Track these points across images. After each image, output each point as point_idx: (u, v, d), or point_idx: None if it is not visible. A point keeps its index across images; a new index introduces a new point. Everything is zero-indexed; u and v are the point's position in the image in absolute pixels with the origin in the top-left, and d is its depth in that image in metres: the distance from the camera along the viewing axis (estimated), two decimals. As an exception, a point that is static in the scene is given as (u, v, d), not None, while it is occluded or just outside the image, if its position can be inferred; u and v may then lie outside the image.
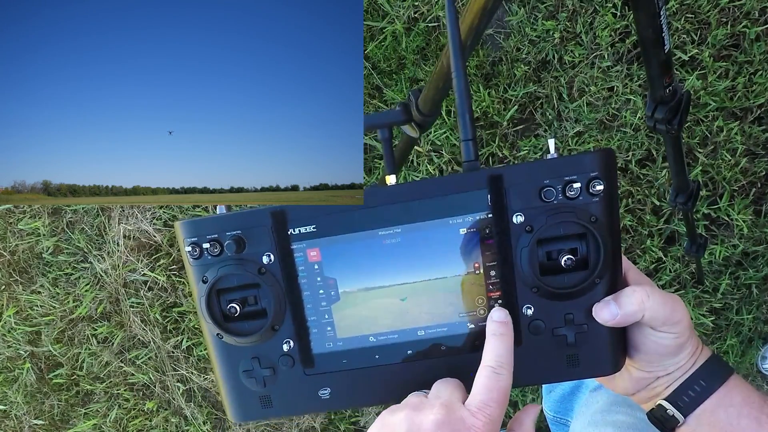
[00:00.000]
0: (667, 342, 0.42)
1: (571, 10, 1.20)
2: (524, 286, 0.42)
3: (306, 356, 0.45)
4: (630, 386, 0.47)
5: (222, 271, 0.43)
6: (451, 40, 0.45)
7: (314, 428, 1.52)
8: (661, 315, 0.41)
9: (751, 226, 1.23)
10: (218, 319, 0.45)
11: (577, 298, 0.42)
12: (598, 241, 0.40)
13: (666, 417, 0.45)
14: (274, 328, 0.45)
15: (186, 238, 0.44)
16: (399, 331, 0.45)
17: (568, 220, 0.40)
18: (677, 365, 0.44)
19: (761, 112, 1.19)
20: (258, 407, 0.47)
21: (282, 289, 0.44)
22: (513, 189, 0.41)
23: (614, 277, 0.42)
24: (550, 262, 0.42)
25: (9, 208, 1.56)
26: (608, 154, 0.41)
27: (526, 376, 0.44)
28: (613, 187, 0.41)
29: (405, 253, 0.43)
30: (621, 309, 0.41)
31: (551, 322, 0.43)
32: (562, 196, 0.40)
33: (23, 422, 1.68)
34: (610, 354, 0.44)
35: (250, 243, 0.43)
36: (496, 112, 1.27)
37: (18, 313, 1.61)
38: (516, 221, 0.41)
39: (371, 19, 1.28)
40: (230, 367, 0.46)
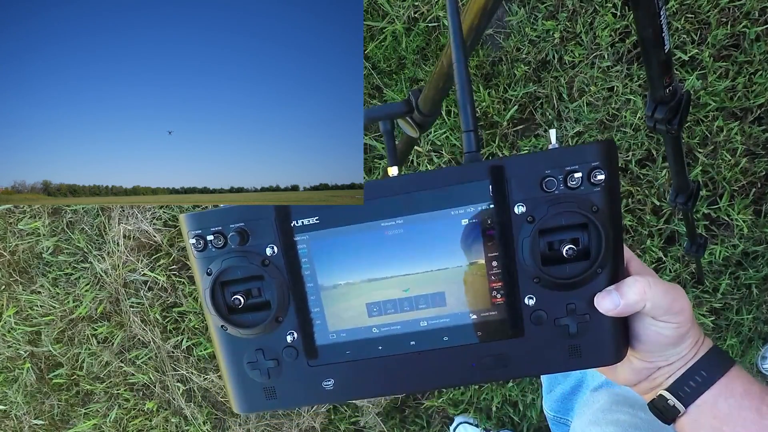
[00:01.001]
0: (669, 332, 0.42)
1: (571, 10, 1.20)
2: (526, 276, 0.42)
3: (309, 348, 0.45)
4: (631, 377, 0.47)
5: (226, 263, 0.44)
6: (451, 30, 0.44)
7: (314, 428, 1.52)
8: (663, 305, 0.41)
9: (751, 226, 1.23)
10: (222, 311, 0.45)
11: (579, 288, 0.42)
12: (600, 230, 0.40)
13: (667, 407, 0.45)
14: (278, 320, 0.45)
15: (190, 230, 0.44)
16: (402, 322, 0.45)
17: (569, 210, 0.40)
18: (679, 355, 0.44)
19: (761, 112, 1.19)
20: (262, 399, 0.47)
21: (285, 281, 0.44)
22: (514, 179, 0.41)
23: (616, 267, 0.42)
24: (551, 252, 0.42)
25: (9, 208, 1.56)
26: (609, 144, 0.41)
27: (528, 366, 0.44)
28: (614, 177, 0.41)
29: (407, 245, 0.43)
30: (623, 299, 0.41)
31: (553, 312, 0.43)
32: (563, 186, 0.40)
33: (23, 422, 1.68)
34: (613, 344, 0.44)
35: (254, 235, 0.44)
36: (496, 112, 1.27)
37: (18, 313, 1.61)
38: (517, 211, 0.41)
39: (371, 19, 1.28)
40: (235, 358, 0.46)
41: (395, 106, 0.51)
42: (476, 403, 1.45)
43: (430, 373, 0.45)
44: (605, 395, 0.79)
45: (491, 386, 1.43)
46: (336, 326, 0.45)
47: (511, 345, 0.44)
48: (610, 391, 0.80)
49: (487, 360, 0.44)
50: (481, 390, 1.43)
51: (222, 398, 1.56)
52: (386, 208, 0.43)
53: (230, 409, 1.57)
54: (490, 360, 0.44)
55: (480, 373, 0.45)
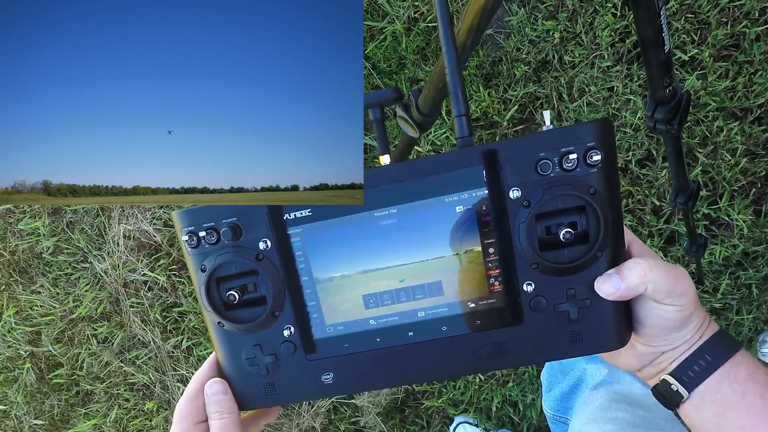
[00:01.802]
0: (672, 315, 0.41)
1: (571, 10, 1.20)
2: (524, 262, 0.41)
3: (307, 342, 0.45)
4: (635, 362, 0.46)
5: (220, 259, 0.43)
6: (439, 15, 0.43)
7: (314, 428, 1.52)
8: (665, 287, 0.40)
9: (751, 226, 1.23)
10: (218, 308, 0.44)
11: (578, 272, 0.41)
12: (598, 213, 0.39)
13: (670, 392, 0.44)
14: (275, 315, 0.44)
15: (183, 227, 0.44)
16: (399, 313, 0.44)
17: (566, 193, 0.39)
18: (683, 339, 0.43)
19: (761, 112, 1.19)
20: (263, 394, 0.47)
21: (280, 275, 0.44)
22: (508, 164, 0.40)
23: (616, 250, 0.41)
24: (549, 236, 0.41)
25: (9, 208, 1.56)
26: (605, 123, 0.40)
27: (529, 354, 0.43)
28: (611, 157, 0.40)
29: (402, 234, 0.42)
30: (623, 282, 0.40)
31: (553, 298, 0.42)
32: (559, 168, 0.39)
33: (23, 422, 1.68)
34: (615, 329, 0.43)
35: (247, 230, 0.43)
36: (496, 112, 1.27)
37: (18, 313, 1.61)
38: (513, 196, 0.40)
39: (371, 19, 1.28)
40: (233, 355, 0.46)
41: (384, 93, 0.51)
42: (476, 403, 1.45)
43: (430, 363, 0.44)
44: (604, 394, 0.79)
45: (491, 386, 1.43)
46: (333, 319, 0.45)
47: (511, 333, 0.43)
48: (609, 390, 0.80)
49: (487, 348, 0.43)
50: (481, 390, 1.43)
51: (222, 398, 1.56)
52: (379, 197, 0.42)
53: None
54: (490, 348, 0.43)
55: (480, 362, 0.44)
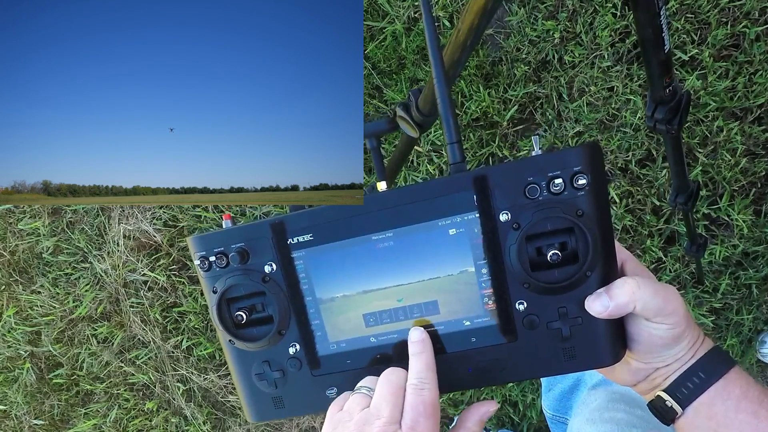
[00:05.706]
0: (663, 333, 0.42)
1: (571, 10, 1.20)
2: (516, 282, 0.43)
3: (312, 358, 0.47)
4: (629, 378, 0.47)
5: (229, 281, 0.46)
6: (430, 48, 0.46)
7: (314, 428, 1.53)
8: (653, 306, 0.41)
9: (751, 226, 1.23)
10: (229, 326, 0.47)
11: (569, 291, 0.43)
12: (586, 234, 0.41)
13: (665, 408, 0.45)
14: (281, 333, 0.47)
15: (196, 252, 0.47)
16: (398, 330, 0.46)
17: (554, 216, 0.41)
18: (675, 357, 0.44)
19: (761, 112, 1.19)
20: (272, 408, 0.49)
21: (285, 296, 0.46)
22: (498, 188, 0.42)
23: (607, 269, 0.43)
24: (540, 257, 0.42)
25: (9, 208, 1.56)
26: (592, 147, 0.41)
27: (524, 370, 0.45)
28: (598, 179, 0.41)
29: (398, 256, 0.44)
30: (612, 300, 0.41)
31: (545, 316, 0.43)
32: (546, 192, 0.41)
33: (23, 422, 1.68)
34: (608, 345, 0.44)
35: (254, 254, 0.46)
36: (496, 112, 1.27)
37: (18, 313, 1.62)
38: (503, 219, 0.42)
39: (371, 19, 1.28)
40: (244, 371, 0.49)
41: (378, 125, 0.52)
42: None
43: None
44: (603, 394, 0.79)
45: (491, 387, 1.43)
46: (336, 337, 0.47)
47: (505, 350, 0.45)
48: (608, 390, 0.80)
49: (483, 365, 0.45)
50: (481, 390, 1.43)
51: (222, 398, 1.57)
52: (376, 221, 0.44)
53: (230, 409, 1.57)
54: (486, 365, 0.45)
55: (476, 377, 0.46)
